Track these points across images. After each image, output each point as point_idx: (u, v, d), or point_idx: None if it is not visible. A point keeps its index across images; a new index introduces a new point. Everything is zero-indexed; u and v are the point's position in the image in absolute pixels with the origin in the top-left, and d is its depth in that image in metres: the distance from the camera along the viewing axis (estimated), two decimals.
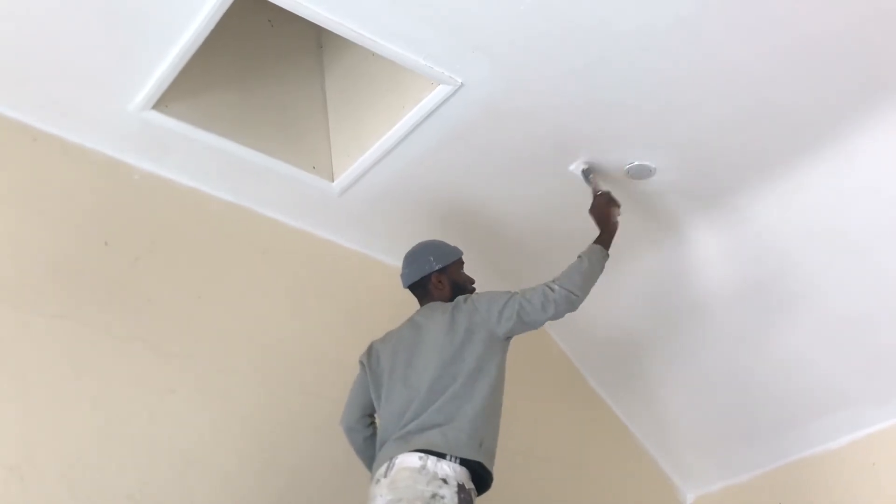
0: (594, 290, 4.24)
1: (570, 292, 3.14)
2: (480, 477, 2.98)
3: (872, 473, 3.93)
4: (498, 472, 4.12)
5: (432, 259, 3.34)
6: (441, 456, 2.89)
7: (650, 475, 4.63)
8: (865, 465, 3.96)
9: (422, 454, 2.90)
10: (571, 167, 3.54)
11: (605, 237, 3.36)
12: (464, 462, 2.91)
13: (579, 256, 3.25)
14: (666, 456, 4.60)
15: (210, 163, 3.63)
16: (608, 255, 3.30)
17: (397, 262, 4.14)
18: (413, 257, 3.37)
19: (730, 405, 4.24)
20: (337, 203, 3.80)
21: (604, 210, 3.43)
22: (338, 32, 3.04)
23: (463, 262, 3.43)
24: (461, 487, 2.86)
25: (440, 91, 3.22)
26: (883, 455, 3.92)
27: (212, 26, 3.03)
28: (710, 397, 4.25)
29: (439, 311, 3.21)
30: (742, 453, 4.32)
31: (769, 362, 4.03)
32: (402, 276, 3.40)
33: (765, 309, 3.91)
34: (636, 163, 3.51)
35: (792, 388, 4.04)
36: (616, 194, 3.64)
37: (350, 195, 3.75)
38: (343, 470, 3.74)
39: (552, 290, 3.13)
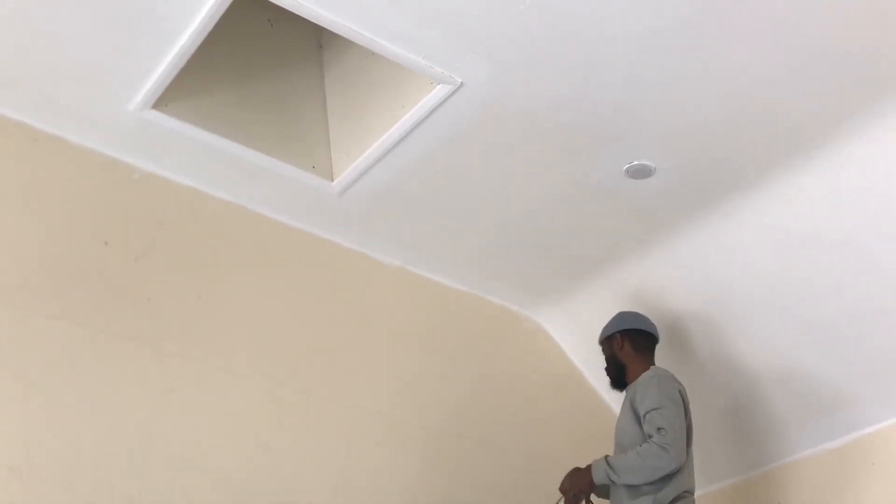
0: (593, 289, 4.27)
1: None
2: None
3: (872, 473, 3.93)
4: (498, 472, 4.14)
5: None
6: None
7: None
8: (865, 465, 3.95)
9: None
10: None
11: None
12: None
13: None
14: None
15: (210, 162, 3.63)
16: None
17: (396, 262, 4.17)
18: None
19: (730, 405, 4.24)
20: (336, 203, 3.80)
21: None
22: (337, 32, 3.04)
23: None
24: None
25: (440, 91, 3.22)
26: (883, 455, 3.91)
27: (211, 26, 3.03)
28: (709, 397, 4.24)
29: None
30: (742, 453, 4.32)
31: (769, 362, 4.03)
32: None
33: (765, 309, 3.91)
34: (636, 162, 3.51)
35: (791, 388, 4.03)
36: (616, 195, 3.65)
37: (350, 195, 3.75)
38: (342, 469, 3.75)
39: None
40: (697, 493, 4.40)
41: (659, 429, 3.36)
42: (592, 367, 4.52)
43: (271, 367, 3.71)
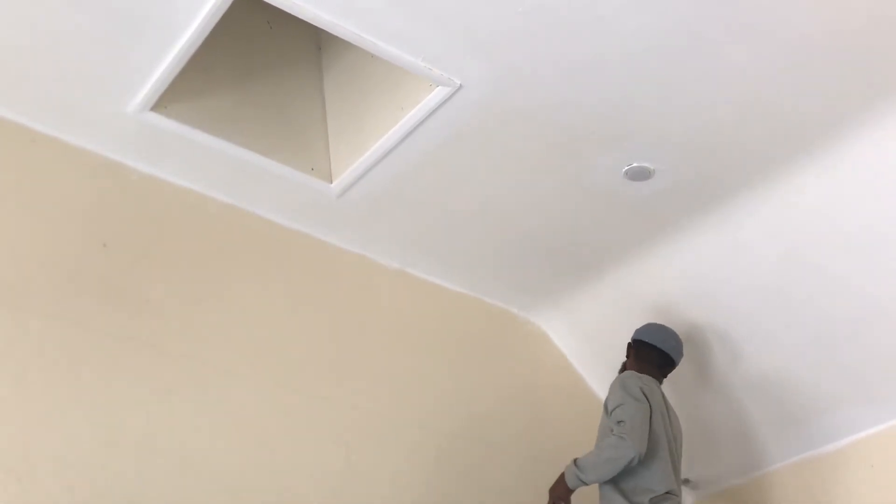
0: (593, 292, 4.27)
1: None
2: None
3: (871, 475, 3.93)
4: (497, 473, 4.14)
5: None
6: None
7: None
8: (864, 467, 3.95)
9: None
10: None
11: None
12: None
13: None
14: None
15: (209, 164, 3.63)
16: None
17: (396, 265, 4.17)
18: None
19: (729, 407, 4.23)
20: (335, 205, 3.80)
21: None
22: (336, 34, 3.04)
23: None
24: None
25: (439, 92, 3.22)
26: (882, 456, 3.91)
27: (211, 28, 3.03)
28: (709, 399, 4.24)
29: None
30: (742, 455, 4.32)
31: (767, 363, 4.03)
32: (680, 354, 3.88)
33: (764, 310, 3.91)
34: (635, 164, 3.51)
35: (790, 390, 4.03)
36: (616, 196, 3.65)
37: (349, 197, 3.75)
38: (342, 470, 3.75)
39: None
40: (698, 495, 4.42)
41: (619, 422, 3.48)
42: (592, 369, 4.53)
43: (271, 367, 3.71)
